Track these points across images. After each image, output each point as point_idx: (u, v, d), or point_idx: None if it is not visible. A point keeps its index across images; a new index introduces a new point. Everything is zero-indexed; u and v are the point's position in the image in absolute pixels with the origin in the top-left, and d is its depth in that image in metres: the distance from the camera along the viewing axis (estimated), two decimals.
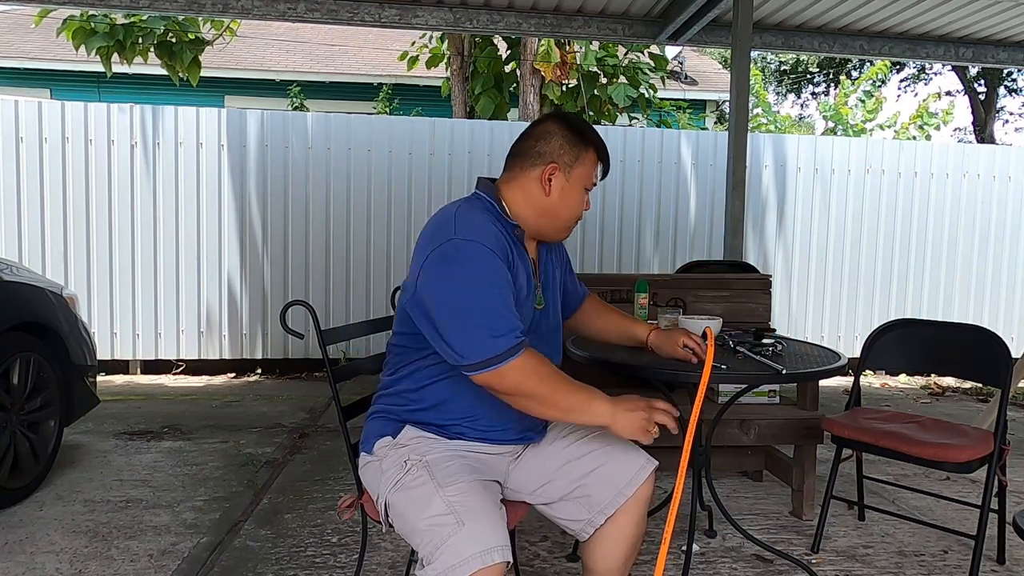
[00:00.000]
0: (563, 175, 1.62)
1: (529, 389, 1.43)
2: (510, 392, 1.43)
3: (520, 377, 1.42)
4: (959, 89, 19.28)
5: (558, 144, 1.62)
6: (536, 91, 7.42)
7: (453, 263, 1.44)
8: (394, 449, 1.56)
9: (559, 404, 1.45)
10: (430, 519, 1.39)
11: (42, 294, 3.15)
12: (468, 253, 1.44)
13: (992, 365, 2.41)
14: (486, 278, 1.44)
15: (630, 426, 1.45)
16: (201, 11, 4.64)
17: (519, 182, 1.63)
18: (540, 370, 1.44)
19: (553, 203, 1.62)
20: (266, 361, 5.71)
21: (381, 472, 1.55)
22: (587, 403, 1.46)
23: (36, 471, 2.99)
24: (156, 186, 5.44)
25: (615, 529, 1.63)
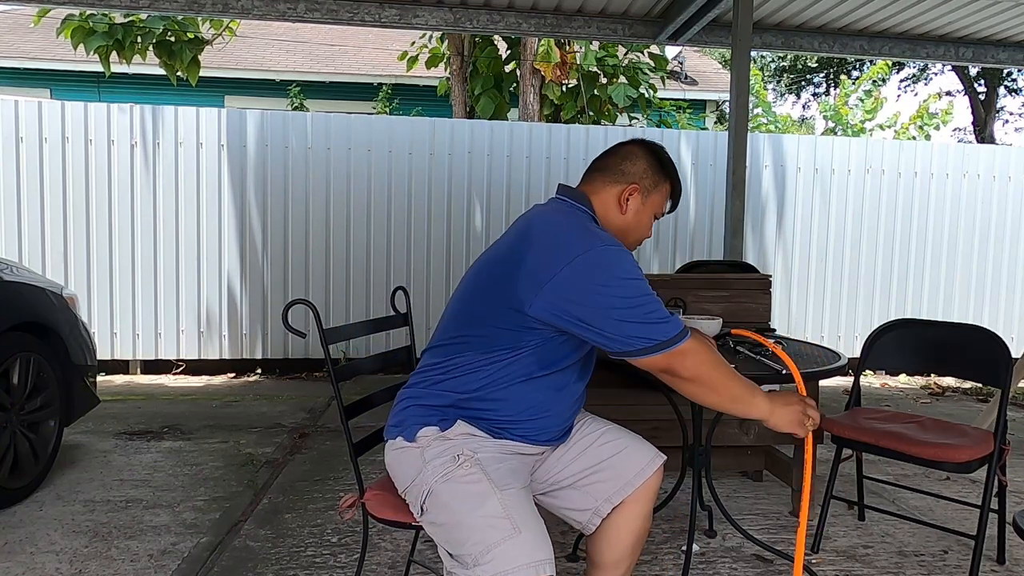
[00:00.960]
0: (641, 197, 1.68)
1: (705, 372, 1.47)
2: (687, 374, 1.46)
3: (697, 358, 1.46)
4: (959, 89, 19.29)
5: (643, 167, 1.69)
6: (536, 91, 7.42)
7: (611, 267, 1.48)
8: (441, 441, 1.55)
9: (729, 390, 1.49)
10: (485, 518, 1.39)
11: (42, 294, 3.15)
12: (618, 257, 1.49)
13: (992, 365, 2.41)
14: (640, 275, 1.50)
15: (788, 419, 1.52)
16: (201, 11, 4.64)
17: (600, 196, 1.67)
18: (712, 356, 1.49)
19: (627, 222, 1.68)
20: (266, 361, 5.71)
21: (424, 460, 1.53)
22: (751, 394, 1.51)
23: (36, 471, 2.99)
24: (156, 186, 5.44)
25: (621, 520, 1.66)
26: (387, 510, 1.67)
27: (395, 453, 1.62)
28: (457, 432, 1.57)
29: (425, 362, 1.65)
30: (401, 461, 1.60)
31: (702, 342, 1.51)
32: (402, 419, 1.62)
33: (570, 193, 1.68)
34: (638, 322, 1.45)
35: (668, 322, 1.46)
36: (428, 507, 1.50)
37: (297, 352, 5.67)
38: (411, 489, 1.55)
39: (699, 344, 1.48)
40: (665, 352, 1.45)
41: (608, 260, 1.48)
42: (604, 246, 1.50)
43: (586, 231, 1.54)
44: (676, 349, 1.45)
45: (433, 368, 1.62)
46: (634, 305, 1.45)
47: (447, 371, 1.59)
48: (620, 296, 1.46)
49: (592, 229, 1.56)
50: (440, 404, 1.60)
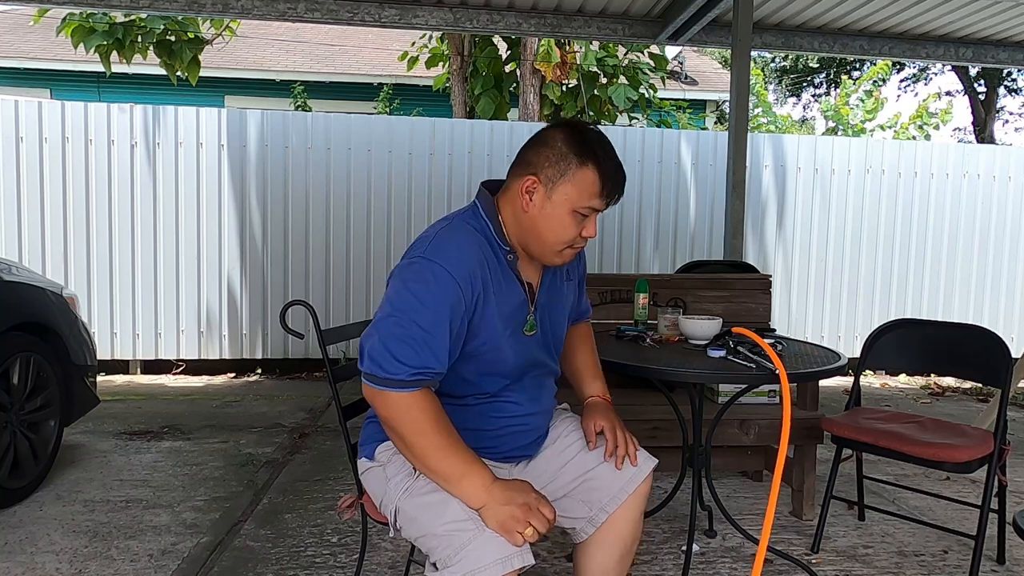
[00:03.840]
0: (544, 190, 1.46)
1: (401, 429, 1.38)
2: (384, 420, 1.40)
3: (397, 413, 1.37)
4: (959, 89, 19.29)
5: (548, 154, 1.45)
6: (536, 91, 7.42)
7: (408, 280, 1.40)
8: (397, 455, 1.52)
9: (426, 462, 1.38)
10: (448, 524, 1.36)
11: (42, 294, 3.15)
12: (423, 274, 1.39)
13: (992, 365, 2.41)
14: (427, 304, 1.37)
15: (498, 518, 1.33)
16: (201, 11, 4.64)
17: (508, 194, 1.51)
18: (424, 418, 1.37)
19: (532, 220, 1.47)
20: (266, 361, 5.71)
21: (387, 478, 1.52)
22: (459, 477, 1.36)
23: (36, 471, 2.99)
24: (156, 186, 5.44)
25: (612, 528, 1.60)
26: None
27: (366, 474, 1.62)
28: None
29: None
30: (370, 481, 1.60)
31: (422, 400, 1.37)
32: (365, 437, 1.63)
33: (480, 196, 1.55)
34: (377, 337, 1.38)
35: (400, 361, 1.35)
36: (400, 523, 1.49)
37: (297, 352, 5.67)
38: (383, 507, 1.54)
39: (413, 401, 1.36)
40: (372, 387, 1.38)
41: (411, 267, 1.41)
42: (418, 256, 1.42)
43: (424, 241, 1.45)
44: (380, 391, 1.37)
45: None
46: (388, 316, 1.38)
47: None
48: (388, 300, 1.40)
49: (436, 240, 1.44)
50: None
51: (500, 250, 1.50)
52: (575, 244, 1.51)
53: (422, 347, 1.36)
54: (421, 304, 1.37)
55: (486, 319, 1.46)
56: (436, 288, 1.38)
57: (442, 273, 1.39)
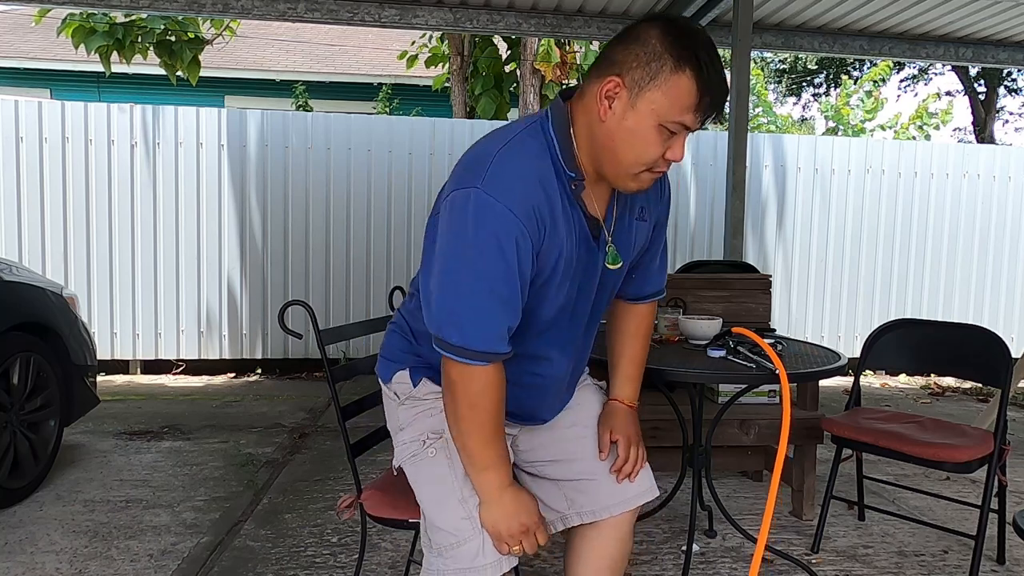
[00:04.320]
0: (627, 96, 1.18)
1: (462, 400, 1.27)
2: (450, 383, 1.28)
3: (466, 385, 1.26)
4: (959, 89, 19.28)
5: (638, 53, 1.17)
6: (536, 91, 7.42)
7: (466, 224, 1.19)
8: (412, 402, 1.44)
9: (465, 438, 1.30)
10: (447, 518, 1.34)
11: (42, 294, 3.15)
12: (485, 218, 1.17)
13: (992, 365, 2.41)
14: (495, 259, 1.18)
15: (495, 525, 1.30)
16: (201, 11, 4.64)
17: (584, 99, 1.25)
18: (488, 399, 1.27)
19: (609, 133, 1.21)
20: (266, 361, 5.71)
21: (397, 424, 1.47)
22: (485, 467, 1.30)
23: (36, 471, 2.99)
24: (156, 186, 5.44)
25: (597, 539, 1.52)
26: (385, 509, 1.67)
27: (383, 396, 1.57)
28: (425, 391, 1.45)
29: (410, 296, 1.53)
30: (386, 408, 1.56)
31: (495, 376, 1.26)
32: (387, 349, 1.54)
33: (553, 106, 1.30)
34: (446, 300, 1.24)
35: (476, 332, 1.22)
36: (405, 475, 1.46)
37: (297, 352, 5.67)
38: (393, 443, 1.52)
39: (488, 376, 1.25)
40: (452, 357, 1.25)
41: (468, 207, 1.18)
42: (475, 187, 1.18)
43: (478, 165, 1.21)
44: (458, 362, 1.25)
45: (412, 303, 1.49)
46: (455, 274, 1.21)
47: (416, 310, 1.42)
48: (452, 252, 1.22)
49: (494, 167, 1.19)
50: (408, 346, 1.49)
51: (565, 175, 1.26)
52: (656, 167, 1.24)
53: (499, 313, 1.22)
54: (492, 260, 1.18)
55: (545, 263, 1.27)
56: (504, 236, 1.17)
57: (507, 216, 1.17)
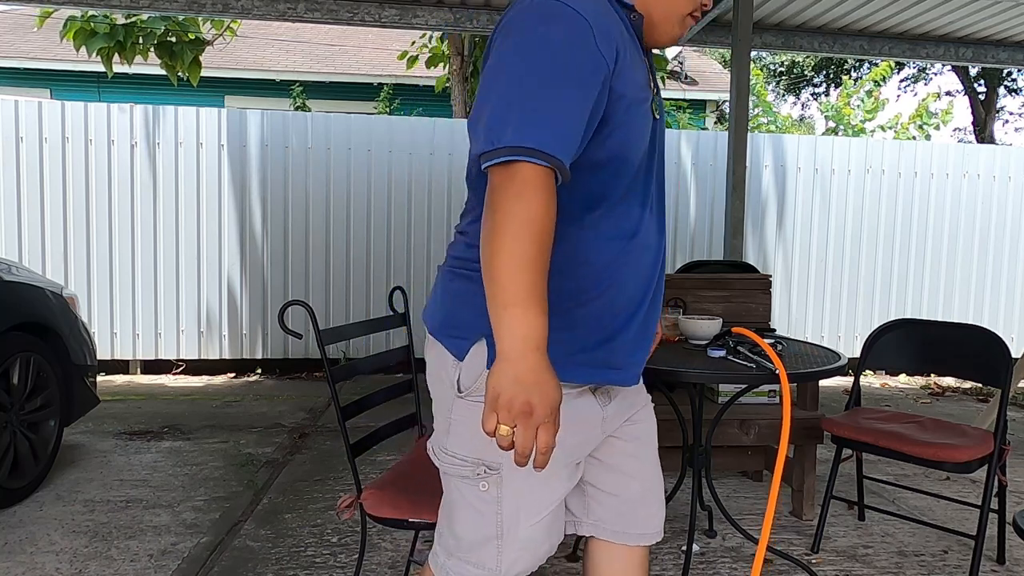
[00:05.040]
0: None
1: (507, 208, 0.99)
2: (502, 201, 0.99)
3: (537, 196, 0.99)
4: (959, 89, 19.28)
5: None
6: None
7: (538, 24, 1.04)
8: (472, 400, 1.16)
9: (500, 263, 0.98)
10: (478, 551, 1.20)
11: (42, 294, 3.15)
12: (563, 17, 1.04)
13: (992, 365, 2.41)
14: (566, 61, 1.03)
15: (501, 389, 0.97)
16: (201, 11, 4.64)
17: None
18: (540, 208, 0.99)
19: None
20: (266, 361, 5.71)
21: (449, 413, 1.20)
22: (512, 303, 0.98)
23: (36, 471, 2.99)
24: (156, 186, 5.44)
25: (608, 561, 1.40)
26: (385, 509, 1.68)
27: (432, 358, 1.24)
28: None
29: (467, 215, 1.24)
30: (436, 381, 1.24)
31: (549, 184, 1.01)
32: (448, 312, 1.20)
33: None
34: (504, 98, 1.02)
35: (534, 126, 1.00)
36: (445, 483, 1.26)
37: (297, 352, 5.67)
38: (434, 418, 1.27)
39: (542, 179, 0.99)
40: (493, 163, 1.01)
41: (538, 11, 1.05)
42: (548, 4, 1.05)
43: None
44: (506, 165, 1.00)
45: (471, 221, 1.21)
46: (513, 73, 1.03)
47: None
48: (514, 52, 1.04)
49: None
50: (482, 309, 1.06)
51: (623, 8, 1.18)
52: (695, 11, 1.22)
53: (564, 112, 1.02)
54: (546, 53, 1.03)
55: (624, 87, 1.10)
56: (579, 42, 1.03)
57: (582, 24, 1.04)
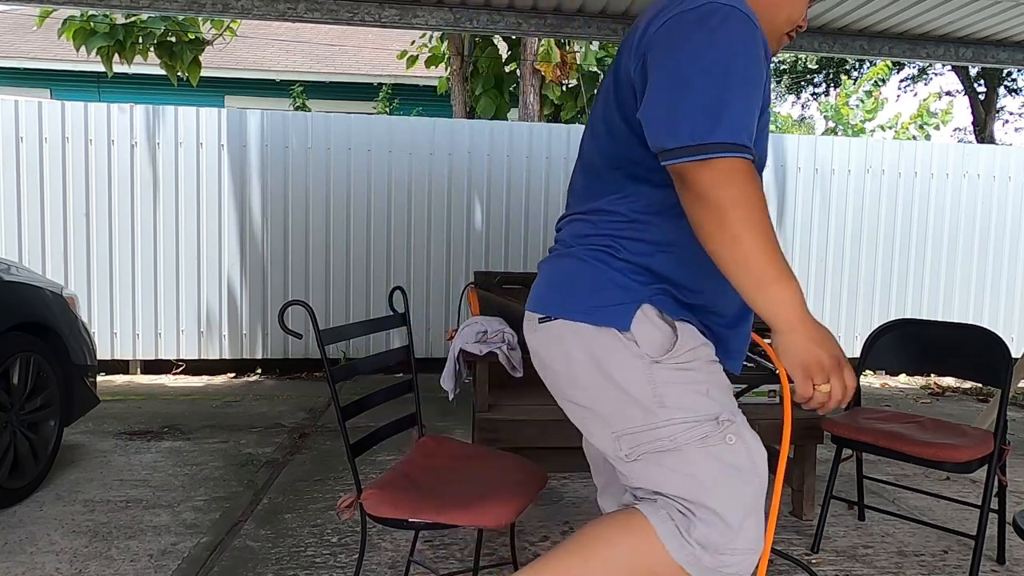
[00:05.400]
0: None
1: (729, 203, 1.03)
2: (705, 197, 1.05)
3: (729, 182, 1.04)
4: (959, 89, 19.28)
5: None
6: (536, 91, 7.42)
7: (725, 25, 1.08)
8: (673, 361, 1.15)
9: (747, 249, 1.04)
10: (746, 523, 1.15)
11: (42, 294, 3.15)
12: (743, 23, 1.08)
13: (992, 365, 2.41)
14: (755, 57, 1.08)
15: (801, 357, 1.07)
16: (201, 11, 4.64)
17: None
18: (756, 192, 1.05)
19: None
20: (266, 361, 5.71)
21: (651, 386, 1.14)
22: (775, 277, 1.05)
23: (36, 471, 2.99)
24: (156, 186, 5.44)
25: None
26: (385, 509, 1.68)
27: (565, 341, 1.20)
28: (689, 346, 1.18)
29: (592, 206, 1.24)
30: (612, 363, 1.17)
31: (754, 172, 1.06)
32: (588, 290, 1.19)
33: None
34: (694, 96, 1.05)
35: (731, 123, 1.04)
36: (656, 459, 1.16)
37: (297, 352, 5.67)
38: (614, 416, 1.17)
39: (749, 169, 1.05)
40: (689, 162, 1.05)
41: (715, 13, 1.08)
42: (718, 2, 1.09)
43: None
44: (705, 162, 1.04)
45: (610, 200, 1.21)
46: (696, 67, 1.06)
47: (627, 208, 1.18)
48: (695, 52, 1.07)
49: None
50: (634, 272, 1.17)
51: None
52: (791, 32, 1.30)
53: (749, 109, 1.08)
54: (732, 52, 1.07)
55: (765, 112, 1.18)
56: (751, 40, 1.09)
57: (755, 28, 1.10)
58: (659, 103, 1.08)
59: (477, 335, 2.86)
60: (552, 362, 1.25)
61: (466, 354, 2.84)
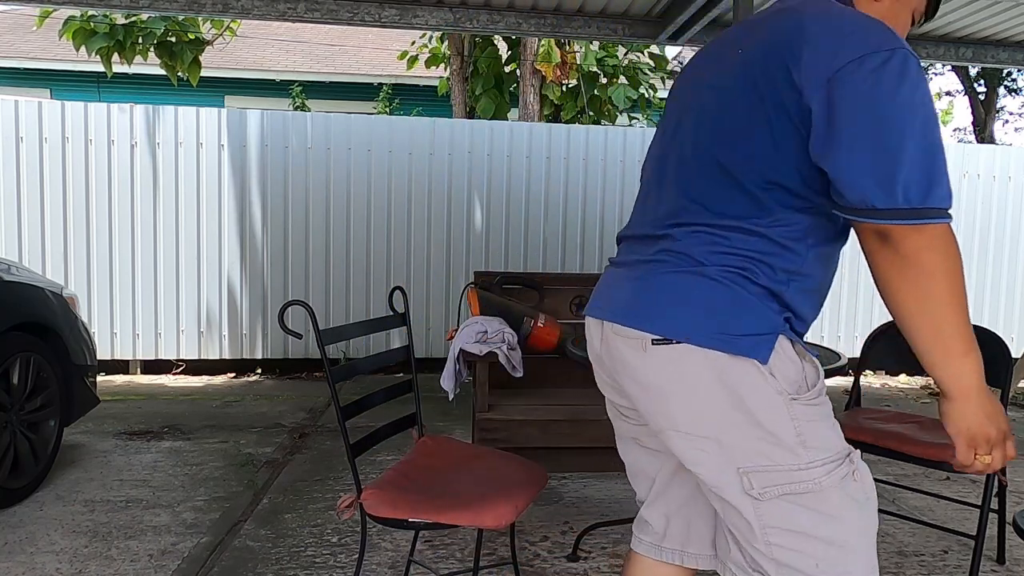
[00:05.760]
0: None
1: (939, 270, 1.04)
2: (915, 261, 1.04)
3: (941, 248, 1.04)
4: (959, 89, 19.27)
5: None
6: (536, 91, 7.42)
7: (914, 81, 1.07)
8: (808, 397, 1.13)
9: (946, 317, 1.05)
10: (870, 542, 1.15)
11: (42, 294, 3.15)
12: (917, 72, 1.08)
13: (992, 365, 2.40)
14: (934, 111, 1.10)
15: (970, 427, 1.09)
16: (201, 11, 4.64)
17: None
18: (960, 262, 1.06)
19: (883, 17, 1.21)
20: (266, 361, 5.71)
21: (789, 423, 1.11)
22: (966, 349, 1.06)
23: (36, 471, 2.99)
24: (156, 186, 5.44)
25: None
26: (385, 509, 1.68)
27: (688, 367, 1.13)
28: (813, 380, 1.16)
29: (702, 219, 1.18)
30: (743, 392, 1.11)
31: (953, 235, 1.07)
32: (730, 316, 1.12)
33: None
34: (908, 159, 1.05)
35: (942, 186, 1.07)
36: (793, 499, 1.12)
37: (297, 352, 5.67)
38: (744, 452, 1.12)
39: (951, 234, 1.06)
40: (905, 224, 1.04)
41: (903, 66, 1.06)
42: (896, 49, 1.07)
43: (870, 25, 1.10)
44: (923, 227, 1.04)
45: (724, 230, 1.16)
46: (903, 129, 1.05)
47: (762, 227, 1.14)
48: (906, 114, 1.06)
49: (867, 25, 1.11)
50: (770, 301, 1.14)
51: None
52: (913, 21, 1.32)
53: (944, 167, 1.11)
54: (932, 112, 1.09)
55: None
56: (926, 89, 1.09)
57: (921, 72, 1.10)
58: (866, 160, 1.06)
59: (477, 335, 2.86)
60: (669, 389, 1.16)
61: (466, 354, 2.84)
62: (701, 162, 1.21)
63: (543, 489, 1.83)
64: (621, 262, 1.32)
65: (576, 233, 5.88)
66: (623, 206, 5.94)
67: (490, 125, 5.93)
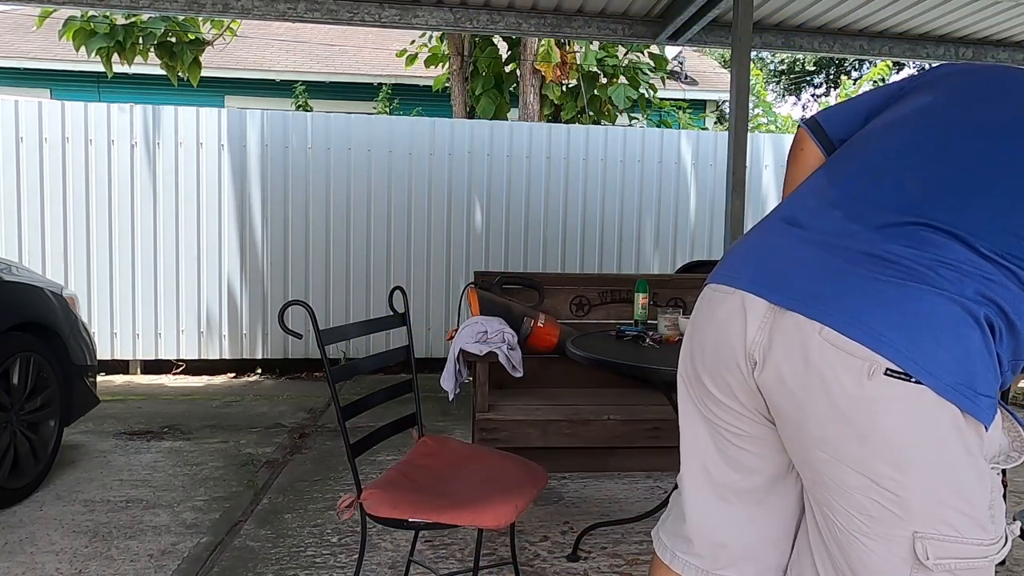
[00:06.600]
0: None
1: None
2: None
3: None
4: None
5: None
6: (536, 91, 7.42)
7: None
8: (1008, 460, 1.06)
9: None
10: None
11: (42, 294, 3.16)
12: None
13: None
14: None
15: None
16: (201, 11, 4.64)
17: None
18: None
19: None
20: (266, 361, 5.71)
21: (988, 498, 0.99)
22: None
23: (36, 471, 2.99)
24: (156, 186, 5.44)
25: None
26: (385, 509, 1.68)
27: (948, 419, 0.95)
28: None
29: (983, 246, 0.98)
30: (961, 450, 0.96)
31: None
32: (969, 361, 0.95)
33: None
34: None
35: None
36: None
37: (297, 352, 5.67)
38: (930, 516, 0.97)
39: None
40: None
41: None
42: None
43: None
44: None
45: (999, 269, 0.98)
46: None
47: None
48: None
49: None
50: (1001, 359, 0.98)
51: None
52: None
53: None
54: None
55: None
56: None
57: None
58: None
59: (477, 335, 2.86)
60: (888, 426, 0.96)
61: (466, 354, 2.84)
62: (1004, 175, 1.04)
63: (543, 489, 1.83)
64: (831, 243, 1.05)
65: (576, 233, 5.88)
66: (622, 206, 5.94)
67: (490, 125, 5.93)
